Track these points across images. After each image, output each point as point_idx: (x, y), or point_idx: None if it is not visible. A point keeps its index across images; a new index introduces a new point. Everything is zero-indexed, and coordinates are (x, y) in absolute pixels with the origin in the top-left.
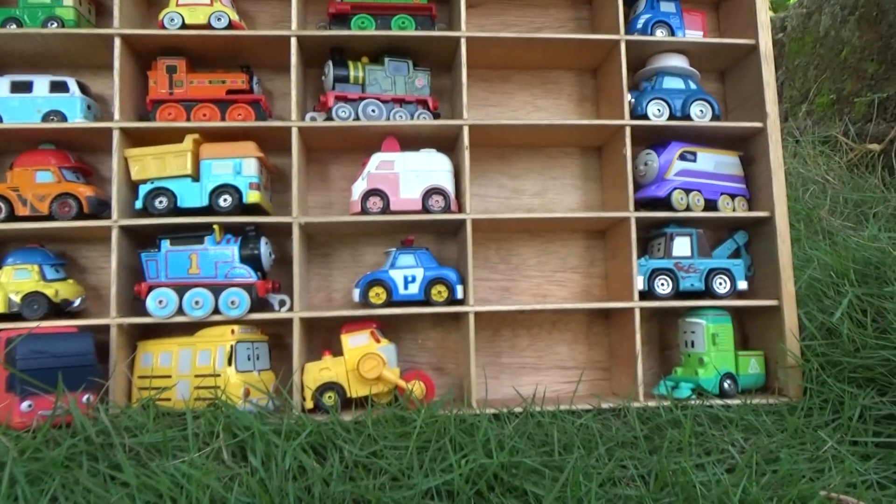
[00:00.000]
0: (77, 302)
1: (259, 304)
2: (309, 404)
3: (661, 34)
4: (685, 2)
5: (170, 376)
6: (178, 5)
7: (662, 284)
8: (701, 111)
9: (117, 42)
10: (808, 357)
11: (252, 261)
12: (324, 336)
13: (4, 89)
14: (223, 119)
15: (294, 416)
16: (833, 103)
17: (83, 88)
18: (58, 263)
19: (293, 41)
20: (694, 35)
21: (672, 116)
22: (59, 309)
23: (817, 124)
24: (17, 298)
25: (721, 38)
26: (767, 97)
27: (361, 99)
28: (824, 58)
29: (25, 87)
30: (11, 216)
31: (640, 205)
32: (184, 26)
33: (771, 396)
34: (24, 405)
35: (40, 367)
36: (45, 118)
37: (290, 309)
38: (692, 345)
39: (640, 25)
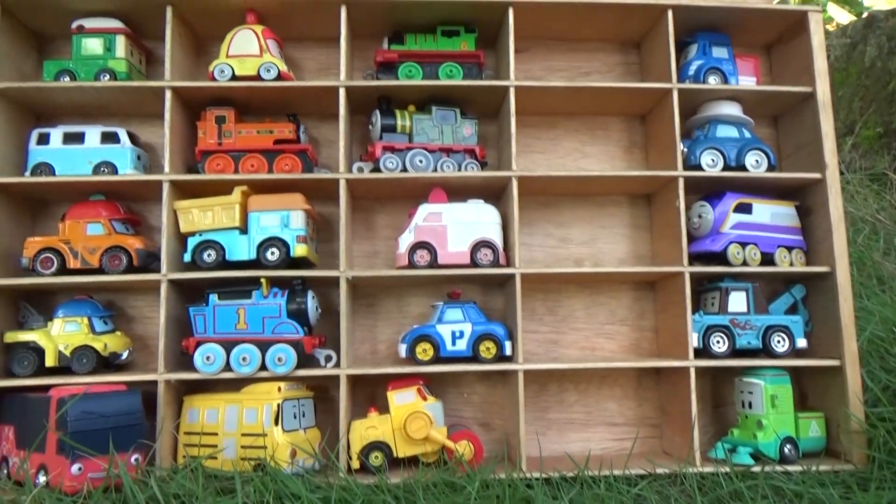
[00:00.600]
0: (124, 355)
1: (305, 359)
2: (355, 464)
3: (713, 81)
4: (736, 45)
5: (216, 433)
6: (228, 56)
7: (718, 342)
8: (757, 161)
9: (168, 94)
10: (874, 422)
11: (298, 315)
12: (368, 389)
13: (57, 140)
14: (271, 168)
15: (341, 479)
16: (880, 136)
17: (133, 138)
18: (106, 315)
19: (342, 91)
20: (747, 81)
21: (726, 166)
22: (107, 362)
23: (863, 157)
24: (66, 352)
25: (773, 81)
26: (826, 147)
27: (409, 149)
28: (870, 89)
29: (77, 139)
30: (63, 268)
31: (693, 257)
32: (234, 77)
33: (834, 462)
34: (75, 468)
35: (90, 428)
36: (97, 169)
37: (337, 365)
38: (749, 406)
39: (692, 72)
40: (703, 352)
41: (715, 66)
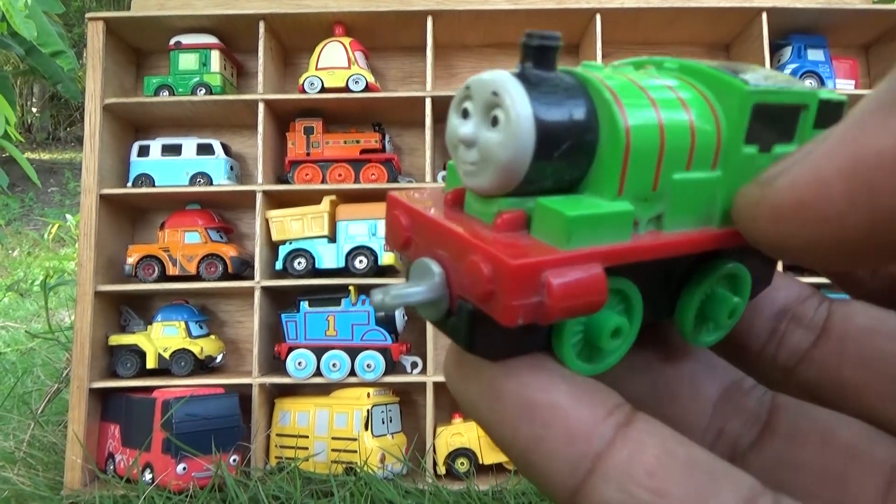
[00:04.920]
0: (219, 358)
1: (393, 366)
2: (441, 470)
3: (810, 85)
4: (833, 47)
5: (307, 436)
6: (317, 69)
7: None
8: None
9: (261, 107)
10: None
11: (386, 322)
12: (451, 395)
13: (156, 152)
14: (357, 177)
15: (430, 486)
16: None
17: (226, 149)
18: (201, 320)
19: (428, 101)
20: (845, 84)
21: None
22: (203, 365)
23: None
24: (166, 355)
25: (872, 83)
26: None
27: None
28: None
29: (175, 150)
30: (163, 275)
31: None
32: (323, 89)
33: None
34: (180, 468)
35: (193, 430)
36: (193, 179)
37: (423, 371)
38: None
39: None
40: None
41: (811, 70)
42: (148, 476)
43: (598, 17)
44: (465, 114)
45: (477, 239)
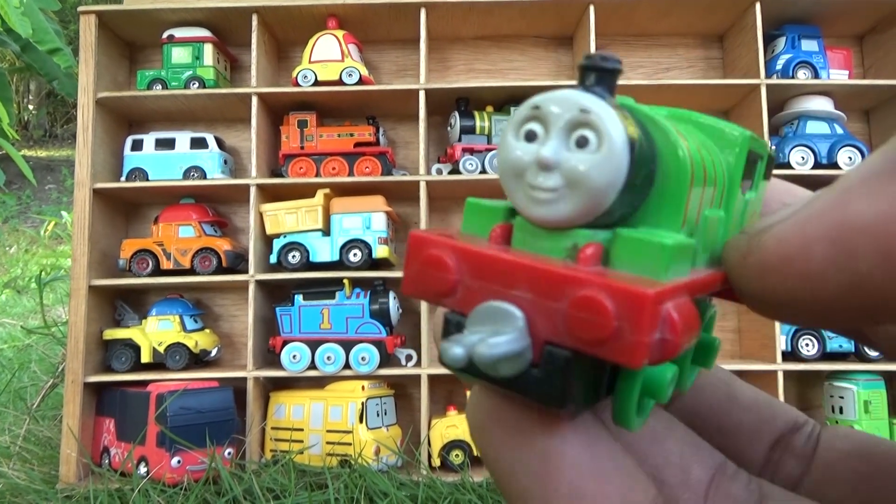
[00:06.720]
0: (213, 352)
1: (387, 359)
2: (436, 462)
3: (803, 76)
4: (827, 37)
5: (302, 429)
6: (310, 62)
7: (807, 345)
8: (850, 158)
9: (254, 100)
10: None
11: (381, 315)
12: (446, 387)
13: (150, 146)
14: (351, 171)
15: (425, 477)
16: None
17: (219, 143)
18: (196, 314)
19: (422, 94)
20: (838, 75)
21: (817, 164)
22: (198, 358)
23: None
24: (160, 349)
25: (866, 73)
26: None
27: (488, 150)
28: None
29: (169, 144)
30: (157, 269)
31: None
32: (316, 82)
33: None
34: (174, 461)
35: (187, 423)
36: (187, 173)
37: (418, 364)
38: (840, 411)
39: (780, 67)
40: (792, 355)
41: (804, 60)
42: (143, 469)
43: (591, 8)
44: (529, 137)
45: (582, 274)
